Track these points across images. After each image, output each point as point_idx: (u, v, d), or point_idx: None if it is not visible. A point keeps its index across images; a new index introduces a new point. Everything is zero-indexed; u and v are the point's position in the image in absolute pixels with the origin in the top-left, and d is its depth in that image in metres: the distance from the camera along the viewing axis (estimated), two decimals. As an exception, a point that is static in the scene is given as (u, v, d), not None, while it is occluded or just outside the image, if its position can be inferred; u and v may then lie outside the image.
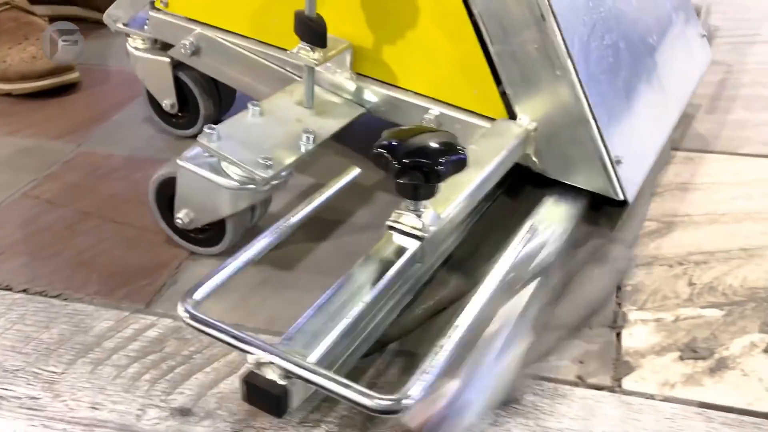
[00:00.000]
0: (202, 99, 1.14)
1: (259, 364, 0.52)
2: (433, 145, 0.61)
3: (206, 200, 0.85)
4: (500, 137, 0.82)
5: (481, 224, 0.87)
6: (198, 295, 0.58)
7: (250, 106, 0.88)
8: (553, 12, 0.78)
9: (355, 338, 0.61)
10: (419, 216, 0.66)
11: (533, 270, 0.73)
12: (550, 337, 0.72)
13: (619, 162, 0.82)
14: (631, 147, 0.86)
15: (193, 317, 0.55)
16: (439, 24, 0.85)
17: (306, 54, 0.86)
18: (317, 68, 0.90)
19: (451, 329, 0.54)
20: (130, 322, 0.80)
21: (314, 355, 0.56)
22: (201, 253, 0.92)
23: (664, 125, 0.98)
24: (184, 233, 0.91)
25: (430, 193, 0.64)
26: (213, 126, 0.83)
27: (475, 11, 0.82)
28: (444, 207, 0.69)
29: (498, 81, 0.85)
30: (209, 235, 0.90)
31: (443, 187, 0.64)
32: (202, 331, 0.55)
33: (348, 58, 0.93)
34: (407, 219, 0.66)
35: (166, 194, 0.90)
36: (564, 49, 0.79)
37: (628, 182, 0.83)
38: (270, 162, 0.80)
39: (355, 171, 0.77)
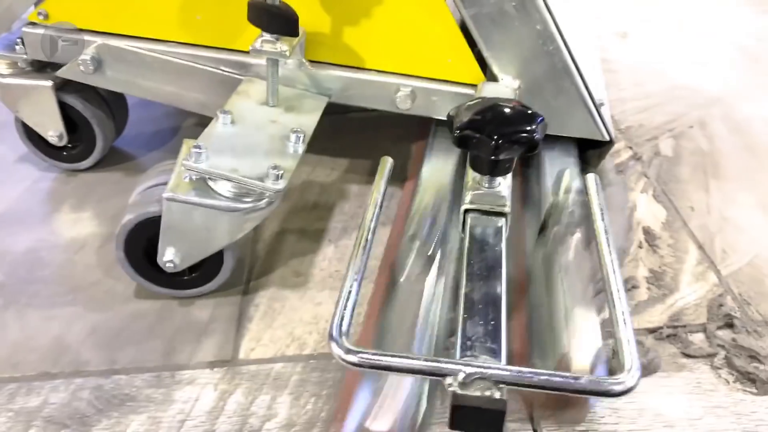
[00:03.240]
0: (97, 123, 0.98)
1: (463, 384, 0.47)
2: (519, 114, 0.59)
3: (204, 232, 0.74)
4: (508, 96, 0.81)
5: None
6: (344, 331, 0.50)
7: (219, 115, 0.78)
8: (528, -33, 0.78)
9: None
10: (499, 192, 0.63)
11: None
12: None
13: (602, 104, 0.85)
14: (600, 91, 0.89)
15: (362, 357, 0.48)
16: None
17: (271, 46, 0.77)
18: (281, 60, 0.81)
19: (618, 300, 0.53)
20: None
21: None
22: (191, 296, 0.81)
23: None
24: (169, 279, 0.79)
25: (511, 167, 0.61)
26: (199, 144, 0.71)
27: (444, -24, 0.79)
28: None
29: (472, 45, 0.83)
30: (201, 272, 0.79)
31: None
32: (380, 367, 0.48)
33: (299, 46, 0.85)
34: (483, 197, 0.63)
35: (140, 240, 0.77)
36: (543, 4, 0.79)
37: (609, 123, 0.87)
38: (281, 171, 0.71)
39: (389, 161, 0.71)
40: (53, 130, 0.97)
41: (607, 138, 0.86)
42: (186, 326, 0.78)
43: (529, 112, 0.59)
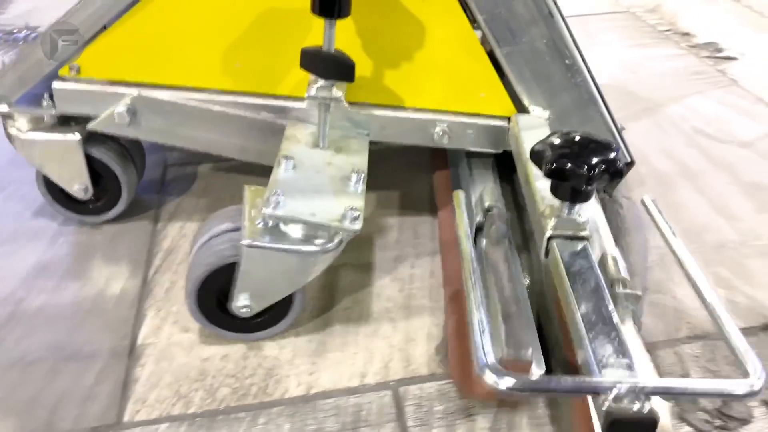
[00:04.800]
0: (122, 173, 0.98)
1: (616, 398, 0.51)
2: (603, 145, 0.64)
3: (279, 276, 0.76)
4: (534, 129, 0.86)
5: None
6: (489, 362, 0.53)
7: (282, 161, 0.80)
8: (558, 8, 0.84)
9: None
10: (578, 218, 0.68)
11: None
12: None
13: (623, 129, 0.92)
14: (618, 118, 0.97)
15: (520, 383, 0.51)
16: (442, 38, 0.86)
17: (327, 92, 0.80)
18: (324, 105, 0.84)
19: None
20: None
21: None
22: (261, 338, 0.82)
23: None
24: (240, 324, 0.80)
25: (592, 193, 0.67)
26: (277, 191, 0.73)
27: (480, 19, 0.84)
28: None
29: (505, 80, 0.89)
30: (270, 315, 0.81)
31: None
32: (539, 390, 0.51)
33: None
34: (565, 224, 0.68)
35: (211, 289, 0.78)
36: (571, 39, 0.86)
37: (629, 146, 0.94)
38: (358, 213, 0.74)
39: (462, 194, 0.75)
40: (79, 184, 0.96)
41: (629, 160, 0.93)
42: (71, 391, 0.77)
43: (608, 142, 0.65)
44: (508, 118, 0.90)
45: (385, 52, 0.87)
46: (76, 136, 0.92)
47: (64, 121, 0.94)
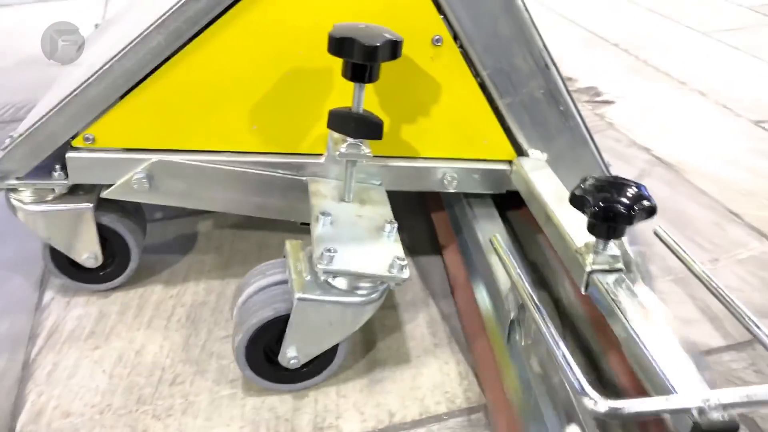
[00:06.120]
0: (131, 236, 0.97)
1: (700, 412, 0.58)
2: (636, 186, 0.72)
3: (328, 327, 0.79)
4: (539, 170, 0.94)
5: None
6: (585, 388, 0.59)
7: (321, 216, 0.83)
8: (552, 60, 0.92)
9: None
10: (614, 252, 0.75)
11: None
12: None
13: (609, 165, 1.01)
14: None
15: (619, 408, 0.57)
16: (448, 92, 0.92)
17: (357, 150, 0.84)
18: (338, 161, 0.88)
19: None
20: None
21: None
22: (306, 388, 0.84)
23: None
24: (287, 375, 0.82)
25: (625, 230, 0.74)
26: (330, 248, 0.77)
27: (484, 74, 0.91)
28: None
29: (505, 127, 0.96)
30: (315, 365, 0.83)
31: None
32: (640, 414, 0.57)
33: (357, 144, 0.93)
34: (603, 258, 0.75)
35: (259, 345, 0.80)
36: (564, 88, 0.94)
37: (613, 179, 1.03)
38: (404, 262, 0.78)
39: (499, 237, 0.81)
40: (88, 252, 0.95)
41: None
42: None
43: (638, 183, 0.73)
44: (510, 162, 0.97)
45: (396, 107, 0.92)
46: (89, 205, 0.91)
47: (72, 190, 0.93)
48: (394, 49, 0.77)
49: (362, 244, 0.81)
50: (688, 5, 2.47)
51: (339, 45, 0.76)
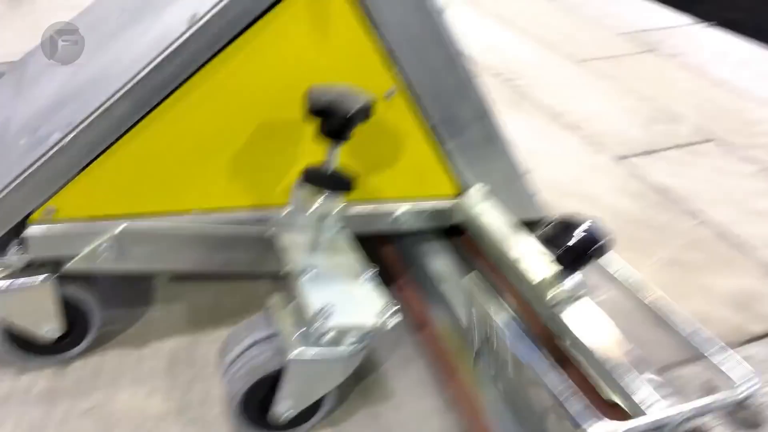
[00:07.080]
0: (96, 306, 0.95)
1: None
2: (595, 224, 0.83)
3: (319, 379, 0.83)
4: (484, 202, 1.03)
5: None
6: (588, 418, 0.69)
7: (304, 271, 0.86)
8: (489, 108, 1.01)
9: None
10: (574, 281, 0.86)
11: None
12: None
13: (535, 194, 1.12)
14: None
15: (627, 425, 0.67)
16: (398, 140, 0.98)
17: (331, 202, 0.88)
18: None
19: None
20: None
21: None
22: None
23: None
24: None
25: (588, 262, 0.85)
26: (324, 305, 0.80)
27: (434, 122, 0.98)
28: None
29: (450, 166, 1.04)
30: (302, 413, 0.87)
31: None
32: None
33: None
34: (569, 284, 0.86)
35: (253, 400, 0.83)
36: (500, 129, 1.04)
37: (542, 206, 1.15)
38: (393, 308, 0.84)
39: (474, 277, 0.88)
40: (48, 325, 0.91)
41: (541, 215, 1.14)
42: None
43: (590, 219, 0.83)
44: (455, 196, 1.05)
45: (354, 155, 0.97)
46: (49, 278, 0.88)
47: (29, 264, 0.89)
48: (370, 111, 0.82)
49: (351, 296, 0.85)
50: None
51: (320, 107, 0.80)
